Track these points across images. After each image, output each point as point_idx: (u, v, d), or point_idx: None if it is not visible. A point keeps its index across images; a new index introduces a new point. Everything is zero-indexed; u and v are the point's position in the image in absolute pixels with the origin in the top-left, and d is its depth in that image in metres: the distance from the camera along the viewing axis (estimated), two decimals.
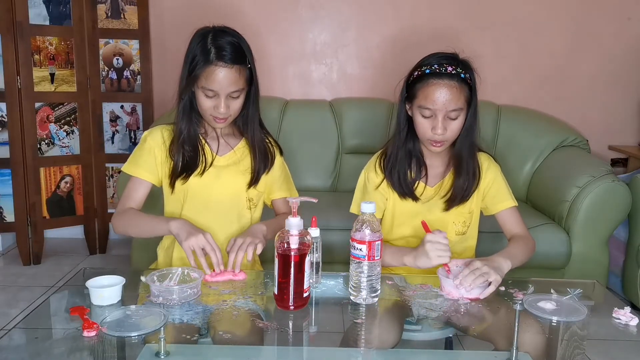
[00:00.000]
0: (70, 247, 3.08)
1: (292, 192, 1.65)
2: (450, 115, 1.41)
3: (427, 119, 1.42)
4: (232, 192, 1.54)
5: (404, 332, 1.19)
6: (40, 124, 2.76)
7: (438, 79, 1.39)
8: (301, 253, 1.18)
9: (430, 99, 1.39)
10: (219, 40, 1.40)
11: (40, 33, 2.69)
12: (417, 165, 1.54)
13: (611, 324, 1.22)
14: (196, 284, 1.24)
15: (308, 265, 1.20)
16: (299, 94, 3.06)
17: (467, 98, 1.42)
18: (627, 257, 2.39)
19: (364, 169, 1.61)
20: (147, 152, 1.52)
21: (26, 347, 1.12)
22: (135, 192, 1.52)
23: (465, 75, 1.41)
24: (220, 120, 1.45)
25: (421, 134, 1.46)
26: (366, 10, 3.00)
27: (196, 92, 1.44)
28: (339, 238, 1.98)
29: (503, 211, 1.55)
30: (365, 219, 1.22)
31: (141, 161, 1.51)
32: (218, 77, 1.39)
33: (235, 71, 1.40)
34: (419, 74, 1.43)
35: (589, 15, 2.99)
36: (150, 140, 1.52)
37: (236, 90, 1.42)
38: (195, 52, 1.41)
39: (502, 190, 1.56)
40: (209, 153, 1.52)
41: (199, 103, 1.45)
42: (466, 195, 1.51)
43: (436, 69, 1.40)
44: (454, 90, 1.39)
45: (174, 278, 1.26)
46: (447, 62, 1.40)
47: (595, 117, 3.07)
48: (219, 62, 1.38)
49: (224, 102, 1.41)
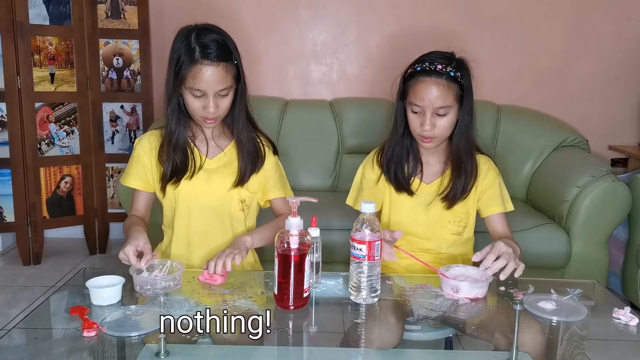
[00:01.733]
0: (70, 247, 3.08)
1: (287, 192, 1.64)
2: (439, 112, 1.43)
3: (416, 114, 1.46)
4: (223, 194, 1.53)
5: (404, 332, 1.20)
6: (40, 124, 2.76)
7: (426, 77, 1.43)
8: (301, 253, 1.18)
9: (419, 96, 1.43)
10: (202, 39, 1.38)
11: (40, 33, 2.69)
12: (414, 161, 1.56)
13: (611, 324, 1.22)
14: (173, 277, 1.28)
15: (308, 265, 1.20)
16: (299, 94, 3.06)
17: (457, 96, 1.44)
18: (627, 257, 2.39)
19: (362, 164, 1.64)
20: (136, 162, 1.54)
21: (26, 347, 1.12)
22: (136, 203, 1.56)
23: (455, 73, 1.43)
24: (210, 120, 1.44)
25: (412, 129, 1.49)
26: (366, 10, 3.00)
27: (184, 93, 1.42)
28: (338, 238, 1.98)
29: (493, 215, 1.56)
30: (365, 219, 1.22)
31: (132, 171, 1.54)
32: (205, 76, 1.37)
33: (222, 69, 1.38)
34: (411, 71, 1.47)
35: (589, 15, 2.99)
36: (139, 148, 1.54)
37: (224, 88, 1.40)
38: (179, 52, 1.40)
39: (496, 196, 1.57)
40: (198, 156, 1.52)
41: (188, 104, 1.43)
42: (464, 194, 1.52)
43: (426, 67, 1.43)
44: (442, 87, 1.42)
45: (163, 270, 1.31)
46: (439, 61, 1.44)
47: (595, 117, 3.07)
48: (204, 61, 1.36)
49: (212, 102, 1.40)
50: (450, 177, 1.54)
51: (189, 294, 1.28)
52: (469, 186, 1.52)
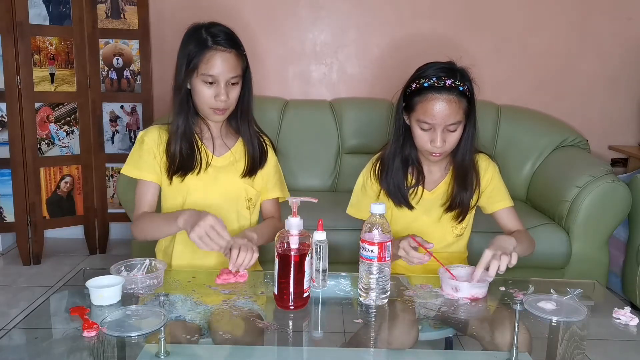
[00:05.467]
0: (70, 247, 3.08)
1: (284, 193, 1.64)
2: (449, 128, 1.41)
3: (425, 131, 1.42)
4: (231, 193, 1.54)
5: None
6: (40, 124, 2.76)
7: (437, 93, 1.38)
8: (301, 253, 1.18)
9: (430, 114, 1.39)
10: (212, 29, 1.43)
11: (40, 33, 2.69)
12: (416, 171, 1.54)
13: (611, 324, 1.22)
14: (156, 275, 1.29)
15: (308, 265, 1.20)
16: (299, 94, 3.06)
17: (466, 110, 1.42)
18: (627, 257, 2.39)
19: (362, 173, 1.61)
20: (147, 153, 1.50)
21: (26, 347, 1.12)
22: (145, 196, 1.51)
23: (463, 87, 1.40)
24: (219, 111, 1.45)
25: (420, 145, 1.46)
26: (366, 10, 3.00)
27: (194, 83, 1.43)
28: (338, 238, 1.98)
29: (500, 210, 1.56)
30: (375, 221, 1.22)
31: (142, 162, 1.50)
32: (218, 62, 1.40)
33: (234, 56, 1.42)
34: (417, 86, 1.42)
35: (589, 15, 2.99)
36: (148, 140, 1.51)
37: (235, 75, 1.43)
38: (189, 46, 1.42)
39: (500, 190, 1.56)
40: (205, 153, 1.52)
41: (199, 95, 1.43)
42: (470, 205, 1.52)
43: (434, 83, 1.38)
44: (453, 104, 1.38)
45: (142, 269, 1.32)
46: (446, 75, 1.39)
47: (595, 117, 3.07)
48: (217, 47, 1.40)
49: (224, 89, 1.41)
50: (451, 184, 1.53)
51: (189, 293, 1.28)
52: (475, 198, 1.52)
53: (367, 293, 1.24)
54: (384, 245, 1.20)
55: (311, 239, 1.23)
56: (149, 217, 1.48)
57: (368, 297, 1.24)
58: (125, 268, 1.31)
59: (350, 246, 1.97)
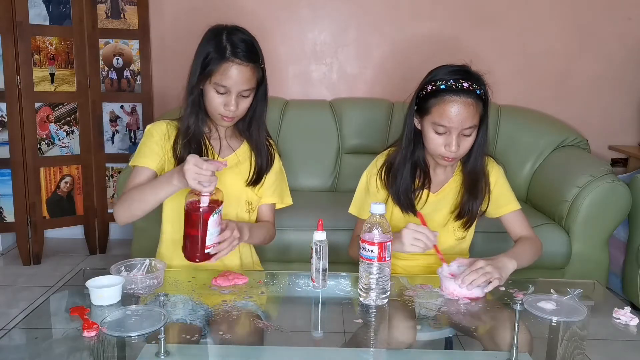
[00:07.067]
0: (70, 247, 3.08)
1: (284, 200, 1.63)
2: (465, 133, 1.39)
3: (440, 135, 1.40)
4: (232, 194, 1.53)
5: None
6: (40, 124, 2.76)
7: (455, 96, 1.36)
8: (204, 212, 1.25)
9: (446, 116, 1.36)
10: (233, 37, 1.41)
11: (40, 33, 2.69)
12: (422, 175, 1.52)
13: (611, 324, 1.22)
14: (156, 275, 1.29)
15: (212, 224, 1.26)
16: (299, 94, 3.06)
17: (481, 114, 1.40)
18: (627, 257, 2.39)
19: (366, 172, 1.59)
20: (154, 143, 1.48)
21: (26, 347, 1.12)
22: (138, 179, 1.45)
23: (480, 91, 1.38)
24: (227, 119, 1.45)
25: (432, 149, 1.43)
26: (366, 10, 3.00)
27: (206, 88, 1.43)
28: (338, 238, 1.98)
29: (507, 214, 1.54)
30: (375, 221, 1.22)
31: (147, 151, 1.48)
32: (233, 74, 1.39)
33: (250, 70, 1.41)
34: (433, 88, 1.39)
35: (589, 15, 2.99)
36: (156, 132, 1.50)
37: (248, 89, 1.42)
38: (208, 49, 1.41)
39: (506, 194, 1.55)
40: (211, 154, 1.52)
41: (209, 100, 1.43)
42: (477, 215, 1.52)
43: (452, 85, 1.36)
44: (471, 107, 1.36)
45: (142, 269, 1.33)
46: (462, 77, 1.37)
47: (595, 117, 3.07)
48: (235, 59, 1.39)
49: (234, 100, 1.41)
50: (461, 190, 1.52)
51: (189, 294, 1.28)
52: (485, 204, 1.51)
53: (367, 293, 1.24)
54: (384, 245, 1.20)
55: (222, 195, 1.29)
56: (135, 189, 1.42)
57: (368, 297, 1.24)
58: (125, 268, 1.31)
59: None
